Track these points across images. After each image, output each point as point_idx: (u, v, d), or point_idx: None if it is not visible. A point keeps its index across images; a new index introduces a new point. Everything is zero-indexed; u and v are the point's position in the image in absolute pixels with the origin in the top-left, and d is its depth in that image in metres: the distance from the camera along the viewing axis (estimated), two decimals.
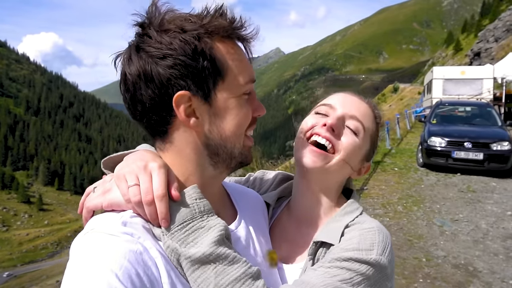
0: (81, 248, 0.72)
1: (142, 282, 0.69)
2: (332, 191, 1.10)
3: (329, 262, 0.89)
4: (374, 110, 1.15)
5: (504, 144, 9.60)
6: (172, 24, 0.80)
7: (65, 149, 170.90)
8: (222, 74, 0.83)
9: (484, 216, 6.91)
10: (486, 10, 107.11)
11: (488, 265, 5.08)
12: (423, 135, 10.92)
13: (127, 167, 0.83)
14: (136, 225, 0.77)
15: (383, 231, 0.96)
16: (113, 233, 0.72)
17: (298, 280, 0.88)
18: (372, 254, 0.88)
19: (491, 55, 49.24)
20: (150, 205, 0.77)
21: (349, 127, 1.06)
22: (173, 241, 0.76)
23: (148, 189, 0.78)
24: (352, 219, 1.01)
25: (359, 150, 1.07)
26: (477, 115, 12.01)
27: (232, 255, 0.76)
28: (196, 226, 0.77)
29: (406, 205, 7.63)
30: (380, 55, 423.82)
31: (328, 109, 1.09)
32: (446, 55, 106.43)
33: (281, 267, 1.05)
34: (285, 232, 1.13)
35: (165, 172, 0.81)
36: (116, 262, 0.67)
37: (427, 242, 5.82)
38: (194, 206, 0.79)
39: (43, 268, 64.78)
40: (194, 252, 0.74)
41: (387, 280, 0.90)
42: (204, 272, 0.75)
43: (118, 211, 0.80)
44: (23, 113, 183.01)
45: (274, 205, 1.18)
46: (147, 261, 0.72)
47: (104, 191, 0.84)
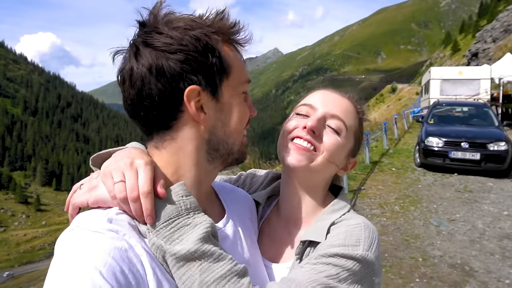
0: (66, 245, 0.71)
1: (127, 279, 0.68)
2: (318, 189, 1.10)
3: (315, 259, 0.89)
4: (356, 106, 1.13)
5: (501, 144, 9.64)
6: (181, 22, 0.82)
7: (63, 150, 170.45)
8: (227, 72, 0.86)
9: (480, 216, 6.93)
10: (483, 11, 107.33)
11: (484, 264, 5.09)
12: (420, 135, 10.96)
13: (114, 164, 0.82)
14: (122, 222, 0.76)
15: (369, 227, 0.96)
16: (98, 230, 0.72)
17: (285, 277, 0.88)
18: (359, 250, 0.88)
19: (488, 55, 49.36)
20: (136, 202, 0.76)
21: (330, 127, 1.05)
22: (158, 238, 0.75)
23: (133, 186, 0.77)
24: (338, 217, 1.01)
25: (342, 148, 1.07)
26: (474, 116, 12.05)
27: (218, 253, 0.76)
28: (182, 223, 0.77)
29: (403, 205, 7.65)
30: (378, 56, 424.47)
31: (308, 109, 1.08)
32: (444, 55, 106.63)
33: (269, 266, 1.05)
34: (273, 231, 1.13)
35: (151, 169, 0.81)
36: (101, 259, 0.67)
37: (423, 242, 5.84)
38: (180, 203, 0.78)
39: (41, 269, 64.54)
40: (179, 249, 0.73)
41: (374, 275, 0.90)
42: (189, 270, 0.74)
43: (104, 208, 0.80)
44: (21, 113, 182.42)
45: (264, 204, 1.18)
46: (132, 258, 0.72)
47: (90, 188, 0.83)
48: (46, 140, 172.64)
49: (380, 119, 26.41)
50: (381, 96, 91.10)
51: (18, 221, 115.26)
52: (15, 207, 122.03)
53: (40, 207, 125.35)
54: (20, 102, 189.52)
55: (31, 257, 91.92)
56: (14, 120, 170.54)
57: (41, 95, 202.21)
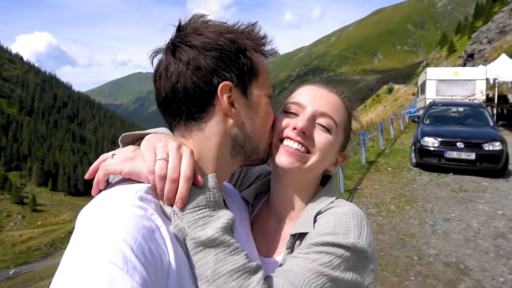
0: (94, 217, 0.70)
1: (154, 258, 0.69)
2: (309, 185, 1.10)
3: (307, 248, 0.90)
4: (345, 101, 1.12)
5: (496, 144, 9.69)
6: (218, 27, 0.90)
7: (59, 150, 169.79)
8: (256, 73, 0.93)
9: (475, 215, 6.97)
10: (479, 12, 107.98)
11: (479, 263, 5.13)
12: (416, 135, 11.00)
13: (159, 142, 0.83)
14: (150, 202, 0.77)
15: (357, 214, 0.96)
16: (128, 206, 0.72)
17: (280, 268, 0.89)
18: (349, 238, 0.89)
19: (484, 56, 49.68)
20: (174, 183, 0.78)
21: (320, 125, 1.04)
22: (183, 222, 0.77)
23: (176, 167, 0.79)
24: (325, 205, 1.02)
25: (334, 146, 1.06)
26: (469, 116, 12.11)
27: (235, 246, 0.78)
28: (208, 213, 0.79)
29: (399, 204, 7.68)
30: (375, 56, 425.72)
31: (297, 108, 1.06)
32: (440, 56, 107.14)
33: (263, 261, 1.06)
34: (265, 228, 1.14)
35: (194, 158, 0.83)
36: (132, 235, 0.67)
37: (419, 241, 5.87)
38: (210, 194, 0.81)
39: (37, 270, 64.30)
40: (200, 235, 0.75)
41: (367, 262, 0.91)
42: (205, 256, 0.75)
43: (132, 182, 0.81)
44: (17, 113, 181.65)
45: (253, 202, 1.19)
46: (158, 239, 0.73)
47: (126, 158, 0.83)
48: (42, 140, 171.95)
49: (376, 120, 26.50)
50: (377, 97, 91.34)
51: (13, 221, 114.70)
52: (11, 207, 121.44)
53: (36, 207, 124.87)
54: (16, 102, 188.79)
55: (27, 258, 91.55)
56: (10, 120, 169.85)
57: (37, 95, 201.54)
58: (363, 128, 21.62)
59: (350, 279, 0.88)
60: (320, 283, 0.84)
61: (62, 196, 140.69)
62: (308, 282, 0.84)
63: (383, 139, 14.60)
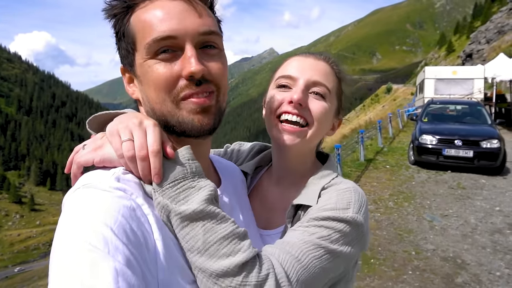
0: (74, 203, 0.71)
1: (137, 237, 0.69)
2: (308, 154, 1.14)
3: (307, 222, 0.92)
4: (333, 66, 1.13)
5: (494, 142, 9.73)
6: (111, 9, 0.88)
7: (57, 149, 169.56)
8: (132, 41, 0.85)
9: (473, 212, 7.02)
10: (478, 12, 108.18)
11: (476, 257, 5.17)
12: (414, 133, 11.04)
13: (121, 124, 0.82)
14: (129, 181, 0.77)
15: (358, 191, 1.00)
16: (106, 188, 0.72)
17: (279, 240, 0.91)
18: (349, 212, 0.93)
19: (482, 56, 49.75)
20: (144, 161, 0.77)
21: (315, 93, 1.06)
22: (164, 198, 0.76)
23: (142, 144, 0.77)
24: (328, 181, 1.05)
25: (330, 112, 1.09)
26: (467, 114, 12.15)
27: (221, 214, 0.78)
28: (187, 185, 0.78)
29: (397, 201, 7.72)
30: (374, 56, 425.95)
31: (289, 81, 1.08)
32: (438, 56, 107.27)
33: (262, 233, 1.09)
34: (265, 199, 1.17)
35: (159, 130, 0.81)
36: (111, 216, 0.67)
37: (417, 236, 5.91)
38: (186, 165, 0.79)
39: (35, 269, 64.18)
40: (185, 209, 0.75)
41: (363, 236, 0.95)
42: (193, 229, 0.75)
43: (108, 168, 0.80)
44: (15, 113, 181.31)
45: (252, 174, 1.22)
46: (140, 217, 0.72)
47: (95, 147, 0.83)
48: (40, 139, 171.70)
49: (375, 119, 26.53)
50: (376, 97, 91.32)
51: (12, 221, 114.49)
52: (9, 206, 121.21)
53: (34, 206, 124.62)
54: (14, 101, 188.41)
55: (25, 257, 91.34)
56: (8, 119, 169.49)
57: (36, 94, 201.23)
58: (362, 126, 21.67)
59: (346, 252, 0.90)
60: (318, 255, 0.86)
61: (61, 196, 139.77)
62: (306, 252, 0.85)
63: (381, 137, 14.65)
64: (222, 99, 0.90)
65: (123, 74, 0.92)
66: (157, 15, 0.81)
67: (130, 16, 0.85)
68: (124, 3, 0.85)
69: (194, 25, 0.82)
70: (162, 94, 0.83)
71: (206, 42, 0.85)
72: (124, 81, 0.93)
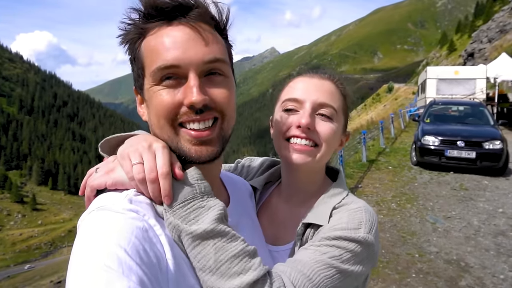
0: (89, 226, 0.73)
1: (149, 257, 0.71)
2: (318, 172, 1.15)
3: (319, 241, 0.93)
4: (338, 84, 1.13)
5: (496, 143, 9.72)
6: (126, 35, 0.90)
7: (59, 149, 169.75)
8: (142, 67, 0.88)
9: (476, 214, 7.01)
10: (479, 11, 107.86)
11: (480, 260, 5.17)
12: (416, 134, 11.03)
13: (131, 147, 0.85)
14: (141, 203, 0.79)
15: (369, 211, 1.01)
16: (119, 210, 0.74)
17: (291, 259, 0.92)
18: (360, 232, 0.94)
19: (484, 55, 49.65)
20: (154, 183, 0.79)
21: (321, 115, 1.07)
22: (175, 218, 0.78)
23: (152, 167, 0.80)
24: (339, 201, 1.06)
25: (337, 131, 1.10)
26: (469, 115, 12.14)
27: (231, 233, 0.79)
28: (197, 205, 0.80)
29: (399, 202, 7.72)
30: (375, 55, 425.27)
31: (295, 104, 1.08)
32: (440, 55, 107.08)
33: (271, 249, 1.09)
34: (274, 215, 1.17)
35: (168, 152, 0.84)
36: (125, 238, 0.69)
37: (420, 239, 5.91)
38: (195, 186, 0.81)
39: (37, 268, 64.33)
40: (196, 229, 0.76)
41: (374, 255, 0.96)
42: (204, 248, 0.76)
43: (121, 190, 0.82)
44: (17, 112, 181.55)
45: (262, 190, 1.23)
46: (152, 237, 0.75)
47: (107, 170, 0.86)
48: (42, 139, 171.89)
49: (376, 119, 26.52)
50: (377, 96, 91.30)
51: (13, 220, 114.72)
52: (11, 206, 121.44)
53: (36, 206, 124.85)
54: (15, 101, 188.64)
55: (27, 257, 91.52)
56: (10, 119, 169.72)
57: (37, 94, 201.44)
58: (364, 127, 21.65)
59: (357, 271, 0.91)
60: (329, 274, 0.87)
61: (62, 195, 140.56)
62: (317, 272, 0.86)
63: (383, 138, 14.64)
64: (227, 126, 0.90)
65: (136, 95, 0.95)
66: (164, 43, 0.83)
67: (141, 42, 0.87)
68: (137, 29, 0.87)
69: (199, 54, 0.83)
70: (162, 120, 0.85)
71: (211, 70, 0.86)
72: (137, 102, 0.96)
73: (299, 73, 1.17)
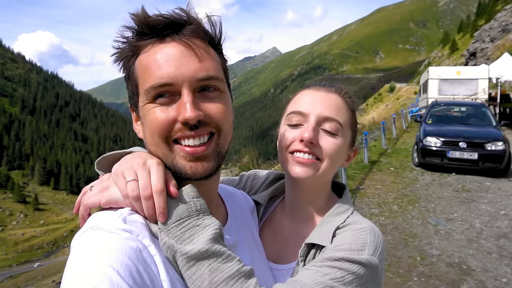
0: (82, 246, 0.71)
1: (143, 278, 0.69)
2: (323, 188, 1.11)
3: (321, 262, 0.90)
4: (346, 98, 1.10)
5: (499, 144, 9.69)
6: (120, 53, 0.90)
7: (61, 149, 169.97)
8: (136, 84, 0.88)
9: (478, 215, 6.97)
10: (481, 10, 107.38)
11: (482, 263, 5.14)
12: (418, 135, 11.00)
13: (125, 165, 0.83)
14: (135, 222, 0.78)
15: (374, 231, 0.97)
16: (113, 230, 0.73)
17: (291, 279, 0.89)
18: (364, 254, 0.90)
19: (486, 55, 49.45)
20: (148, 200, 0.78)
21: (326, 131, 1.04)
22: (169, 238, 0.76)
23: (146, 184, 0.79)
24: (343, 220, 1.02)
25: (343, 147, 1.07)
26: (472, 115, 12.10)
27: (227, 253, 0.77)
28: (193, 224, 0.78)
29: (401, 204, 7.69)
30: (377, 55, 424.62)
31: (300, 118, 1.06)
32: (442, 55, 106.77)
33: (272, 267, 1.07)
34: (277, 231, 1.14)
35: (163, 169, 0.83)
36: (117, 259, 0.68)
37: (421, 241, 5.88)
38: (191, 204, 0.80)
39: (39, 268, 64.47)
40: (190, 249, 0.75)
41: (378, 277, 0.92)
42: (199, 269, 0.75)
43: (115, 209, 0.81)
44: (19, 112, 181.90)
45: (266, 205, 1.20)
46: (146, 258, 0.73)
47: (102, 189, 0.84)
48: (44, 139, 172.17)
49: (378, 119, 26.47)
50: (379, 96, 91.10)
51: (16, 220, 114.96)
52: (13, 206, 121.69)
53: (38, 206, 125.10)
54: (18, 101, 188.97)
55: (29, 257, 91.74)
56: (12, 119, 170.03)
57: (39, 94, 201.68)
58: (365, 127, 21.60)
59: None
60: None
61: (64, 195, 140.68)
62: None
63: (385, 138, 14.61)
64: (223, 141, 0.88)
65: (132, 112, 0.94)
66: (156, 61, 0.82)
67: (135, 59, 0.86)
68: (131, 47, 0.86)
69: (191, 71, 0.81)
70: (156, 137, 0.84)
71: (205, 86, 0.85)
72: (132, 119, 0.95)
73: (307, 86, 1.14)
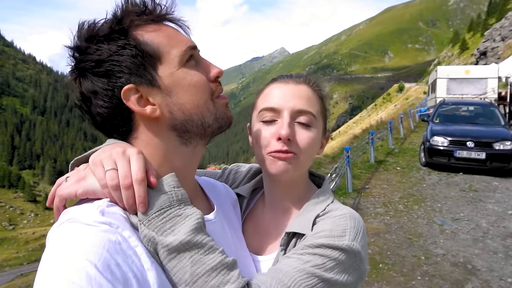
0: (58, 239, 0.69)
1: (122, 271, 0.67)
2: (301, 179, 1.11)
3: (302, 249, 0.90)
4: (315, 88, 1.08)
5: (507, 143, 9.58)
6: (96, 31, 0.82)
7: (71, 149, 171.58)
8: (155, 55, 0.83)
9: (485, 215, 6.91)
10: (492, 9, 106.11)
11: (487, 263, 5.10)
12: (425, 135, 10.92)
13: (104, 153, 0.80)
14: (114, 214, 0.75)
15: (354, 217, 0.97)
16: (90, 223, 0.70)
17: (272, 268, 0.90)
18: (344, 240, 0.90)
19: (497, 54, 48.88)
20: (128, 189, 0.75)
21: (300, 123, 1.03)
22: (149, 230, 0.75)
23: (126, 173, 0.76)
24: (323, 209, 1.02)
25: (317, 137, 1.06)
26: (480, 115, 11.96)
27: (209, 245, 0.76)
28: (174, 214, 0.76)
29: (407, 204, 7.65)
30: (386, 55, 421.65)
31: (273, 114, 1.04)
32: (452, 54, 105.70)
33: (254, 259, 1.07)
34: (259, 223, 1.15)
35: (143, 158, 0.80)
36: (95, 252, 0.65)
37: (426, 241, 5.85)
38: (172, 193, 0.78)
39: None
40: (172, 240, 0.73)
41: (361, 263, 0.92)
42: (180, 261, 0.74)
43: (92, 200, 0.78)
44: (30, 113, 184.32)
45: (249, 197, 1.20)
46: (126, 250, 0.71)
47: (78, 179, 0.80)
48: (54, 139, 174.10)
49: (386, 119, 26.31)
50: (388, 96, 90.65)
51: (26, 219, 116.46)
52: (24, 205, 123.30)
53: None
54: (28, 101, 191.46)
55: (40, 255, 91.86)
56: (23, 120, 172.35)
57: (50, 94, 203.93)
58: (373, 127, 21.50)
59: (342, 280, 0.87)
60: (311, 284, 0.83)
61: None
62: (298, 281, 0.82)
63: (392, 138, 14.53)
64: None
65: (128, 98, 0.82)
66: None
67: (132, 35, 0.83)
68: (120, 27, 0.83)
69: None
70: (204, 95, 0.88)
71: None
72: (130, 105, 0.83)
73: (274, 79, 1.12)
